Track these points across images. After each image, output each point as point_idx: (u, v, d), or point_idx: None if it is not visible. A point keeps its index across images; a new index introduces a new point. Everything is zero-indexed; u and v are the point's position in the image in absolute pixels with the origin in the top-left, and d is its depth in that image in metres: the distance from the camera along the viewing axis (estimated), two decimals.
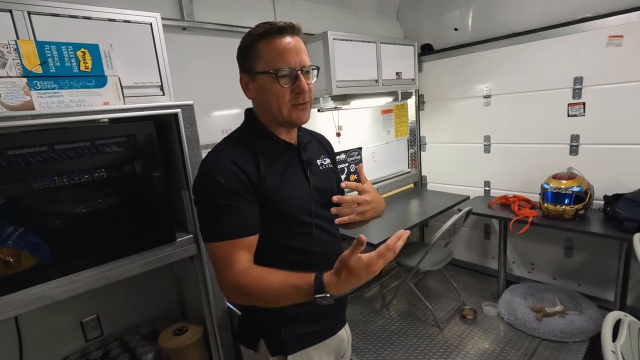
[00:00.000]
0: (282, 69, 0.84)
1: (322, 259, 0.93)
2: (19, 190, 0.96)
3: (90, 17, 1.17)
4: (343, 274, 0.73)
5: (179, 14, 1.67)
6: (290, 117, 0.89)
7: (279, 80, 0.84)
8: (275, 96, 0.86)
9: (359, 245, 0.71)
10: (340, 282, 0.73)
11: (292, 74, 0.85)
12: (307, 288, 0.75)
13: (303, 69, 0.87)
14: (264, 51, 0.85)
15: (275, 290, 0.78)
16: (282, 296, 0.78)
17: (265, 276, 0.80)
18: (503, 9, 2.39)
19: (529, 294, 2.38)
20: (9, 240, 0.95)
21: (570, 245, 2.40)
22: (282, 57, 0.84)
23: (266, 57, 0.85)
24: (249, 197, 0.84)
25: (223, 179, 0.81)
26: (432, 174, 3.08)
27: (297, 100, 0.88)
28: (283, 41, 0.85)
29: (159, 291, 1.62)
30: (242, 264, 0.82)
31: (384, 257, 0.72)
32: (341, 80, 2.03)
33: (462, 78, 2.69)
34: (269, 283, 0.79)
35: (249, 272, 0.81)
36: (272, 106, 0.88)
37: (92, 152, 1.07)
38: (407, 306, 2.51)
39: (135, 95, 1.26)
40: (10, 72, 0.98)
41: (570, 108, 2.23)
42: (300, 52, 0.86)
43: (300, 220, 0.92)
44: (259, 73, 0.86)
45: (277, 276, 0.79)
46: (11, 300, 0.96)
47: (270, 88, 0.86)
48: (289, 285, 0.77)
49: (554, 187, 2.10)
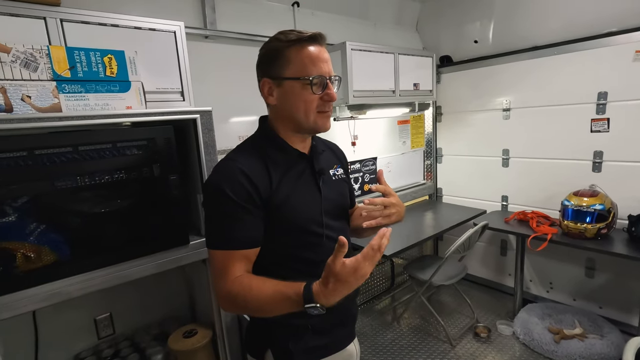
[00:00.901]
0: (315, 76, 0.85)
1: None
2: (43, 188, 1.00)
3: (118, 25, 1.22)
4: (330, 282, 0.71)
5: (202, 23, 1.72)
6: (316, 124, 0.90)
7: (312, 87, 0.86)
8: (304, 103, 0.87)
9: (341, 248, 0.69)
10: (329, 291, 0.71)
11: (323, 82, 0.87)
12: (296, 298, 0.73)
13: (331, 78, 0.88)
14: (296, 58, 0.86)
15: (265, 299, 0.77)
16: (272, 305, 0.77)
17: (255, 285, 0.80)
18: (525, 22, 2.36)
19: (546, 314, 2.29)
20: (31, 237, 0.99)
21: (591, 266, 2.31)
22: (315, 65, 0.86)
23: (298, 64, 0.86)
24: (253, 210, 0.85)
25: (230, 190, 0.82)
26: (448, 187, 3.04)
27: (324, 108, 0.89)
28: (317, 49, 0.87)
29: (170, 293, 1.64)
30: (237, 273, 0.83)
31: (370, 258, 0.70)
32: (358, 90, 2.04)
33: (481, 90, 2.66)
34: (259, 292, 0.78)
35: (241, 281, 0.81)
36: (299, 112, 0.88)
37: (113, 154, 1.10)
38: (419, 320, 2.45)
39: (156, 100, 1.30)
40: (41, 76, 1.03)
41: (594, 123, 2.17)
42: (329, 62, 0.89)
43: (310, 230, 0.92)
44: (288, 79, 0.87)
45: (268, 285, 0.79)
46: (30, 294, 0.99)
47: (300, 94, 0.87)
48: (278, 293, 0.76)
49: (575, 204, 2.03)
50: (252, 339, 1.02)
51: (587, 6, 2.11)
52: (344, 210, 1.06)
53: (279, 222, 0.88)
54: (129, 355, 1.43)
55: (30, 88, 1.00)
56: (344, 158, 1.15)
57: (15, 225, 0.97)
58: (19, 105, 0.99)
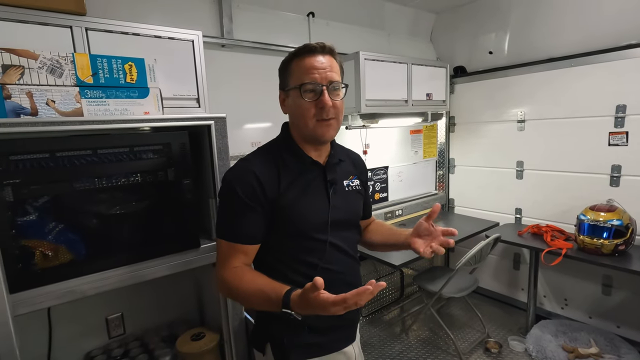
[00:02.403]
0: (306, 83, 0.88)
1: (336, 277, 0.94)
2: (63, 189, 1.04)
3: (139, 34, 1.27)
4: (303, 300, 0.73)
5: (219, 32, 1.77)
6: (315, 132, 0.92)
7: (303, 94, 0.89)
8: (300, 109, 0.91)
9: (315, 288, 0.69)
10: (301, 306, 0.74)
11: (317, 89, 0.89)
12: (276, 300, 0.78)
13: (329, 85, 0.89)
14: (296, 68, 0.91)
15: (252, 293, 0.85)
16: (256, 300, 0.84)
17: (247, 279, 0.87)
18: (541, 33, 2.35)
19: (560, 331, 2.22)
20: (49, 235, 1.03)
21: (608, 283, 2.24)
22: (308, 73, 0.89)
23: (297, 74, 0.91)
24: (257, 208, 0.90)
25: (240, 189, 0.89)
26: (460, 198, 3.00)
27: (321, 115, 0.90)
28: (312, 59, 0.90)
29: (180, 296, 1.66)
30: (235, 264, 0.90)
31: (338, 306, 0.70)
32: (370, 99, 2.06)
33: (495, 101, 2.64)
34: (248, 286, 0.86)
35: (236, 272, 0.89)
36: (300, 120, 0.93)
37: (130, 157, 1.14)
38: (428, 333, 2.41)
39: (172, 106, 1.34)
40: (66, 82, 1.07)
41: (612, 137, 2.12)
42: (329, 69, 0.90)
43: (314, 236, 0.94)
44: (290, 89, 0.93)
45: (258, 281, 0.86)
46: (46, 291, 1.02)
47: (297, 102, 0.91)
48: (262, 292, 0.82)
49: (591, 219, 1.98)
50: (255, 332, 1.06)
51: (606, 18, 2.08)
52: (353, 220, 1.07)
53: (283, 223, 0.93)
54: (138, 355, 1.45)
55: (54, 93, 1.05)
56: (363, 169, 1.16)
57: (35, 224, 1.01)
58: (44, 109, 1.04)
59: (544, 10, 2.29)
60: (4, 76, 0.98)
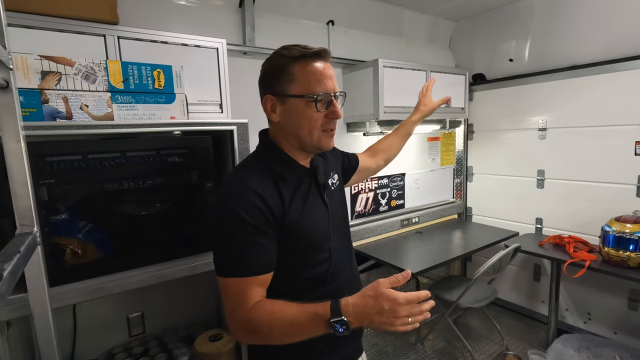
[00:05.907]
0: (320, 94, 0.83)
1: (342, 279, 0.93)
2: (93, 190, 1.09)
3: (167, 42, 1.32)
4: (367, 294, 0.72)
5: (241, 40, 1.82)
6: (320, 143, 0.87)
7: (317, 104, 0.83)
8: (308, 120, 0.84)
9: (401, 278, 0.71)
10: (360, 303, 0.72)
11: (327, 99, 0.85)
12: (323, 313, 0.72)
13: (336, 95, 0.86)
14: (300, 74, 0.83)
15: (291, 321, 0.74)
16: (298, 327, 0.74)
17: (278, 308, 0.76)
18: (563, 40, 2.31)
19: (584, 346, 2.15)
20: (79, 234, 1.07)
21: (635, 297, 2.16)
22: (319, 82, 0.83)
23: (302, 81, 0.83)
24: (270, 232, 0.81)
25: (247, 214, 0.77)
26: (478, 206, 2.95)
27: (328, 126, 0.87)
28: (320, 65, 0.84)
29: (199, 298, 1.69)
30: (255, 299, 0.78)
31: (408, 304, 0.70)
32: (389, 106, 2.06)
33: (515, 109, 2.60)
34: (284, 314, 0.75)
35: (263, 306, 0.77)
36: (303, 130, 0.86)
37: (156, 160, 1.18)
38: (444, 344, 2.37)
39: (197, 111, 1.38)
40: (99, 87, 1.13)
41: (639, 146, 2.06)
42: (333, 78, 0.86)
43: (320, 249, 0.90)
44: (292, 96, 0.84)
45: (292, 306, 0.76)
46: (74, 288, 1.06)
47: (304, 112, 0.84)
48: (304, 313, 0.74)
49: (616, 230, 1.92)
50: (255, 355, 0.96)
51: (630, 25, 2.04)
52: (345, 219, 1.05)
53: (290, 241, 0.85)
54: (157, 354, 1.48)
55: (88, 98, 1.10)
56: (336, 155, 1.14)
57: (66, 223, 1.06)
58: (77, 113, 1.09)
59: (566, 17, 2.26)
60: (43, 82, 1.04)
